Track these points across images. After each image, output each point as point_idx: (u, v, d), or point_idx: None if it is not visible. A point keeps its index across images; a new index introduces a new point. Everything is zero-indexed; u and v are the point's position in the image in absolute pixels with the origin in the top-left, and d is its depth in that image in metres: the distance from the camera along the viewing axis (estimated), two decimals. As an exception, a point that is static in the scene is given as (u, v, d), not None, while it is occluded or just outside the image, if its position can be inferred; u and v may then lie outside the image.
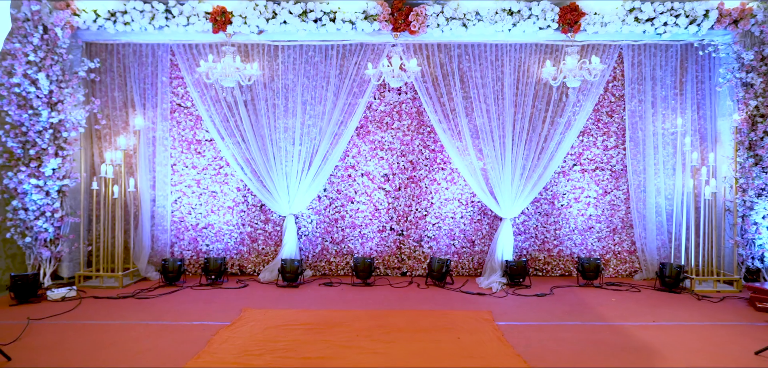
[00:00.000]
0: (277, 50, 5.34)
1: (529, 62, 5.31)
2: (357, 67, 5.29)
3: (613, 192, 5.49)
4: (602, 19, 4.90)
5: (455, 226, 5.52)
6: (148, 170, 5.40)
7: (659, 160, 5.35)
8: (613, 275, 5.46)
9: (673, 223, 5.25)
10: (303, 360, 3.07)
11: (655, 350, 3.29)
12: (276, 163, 5.32)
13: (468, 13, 4.88)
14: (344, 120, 5.34)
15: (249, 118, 5.32)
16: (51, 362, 3.06)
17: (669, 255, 5.30)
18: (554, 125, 5.31)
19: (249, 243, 5.53)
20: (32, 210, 4.77)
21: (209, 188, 5.52)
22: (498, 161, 5.28)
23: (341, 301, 4.49)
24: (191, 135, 5.49)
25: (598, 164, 5.49)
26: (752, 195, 4.77)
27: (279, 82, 5.34)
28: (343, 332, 3.60)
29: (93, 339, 3.47)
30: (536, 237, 5.52)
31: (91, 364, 3.03)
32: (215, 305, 4.36)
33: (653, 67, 5.34)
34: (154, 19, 4.91)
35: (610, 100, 5.45)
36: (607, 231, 5.50)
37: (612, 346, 3.35)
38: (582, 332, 3.66)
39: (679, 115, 5.31)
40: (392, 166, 5.52)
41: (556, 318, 4.02)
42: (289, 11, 4.88)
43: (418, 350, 3.25)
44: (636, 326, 3.79)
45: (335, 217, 5.54)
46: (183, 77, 5.38)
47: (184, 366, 2.96)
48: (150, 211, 5.38)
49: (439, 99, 5.33)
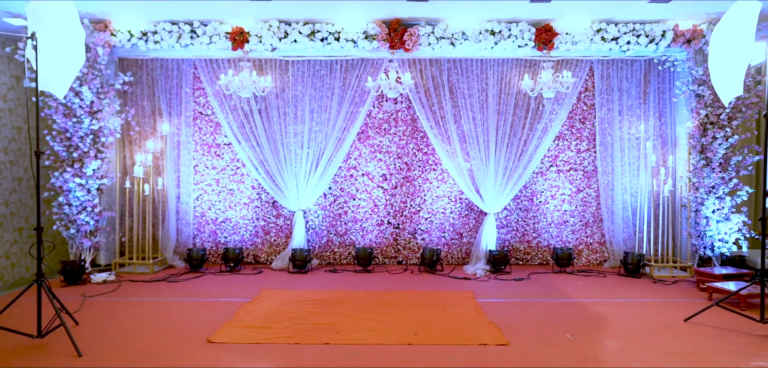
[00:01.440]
0: (288, 65, 6.04)
1: (510, 75, 6.01)
2: (358, 80, 5.99)
3: (585, 190, 6.19)
4: (573, 38, 5.59)
5: (445, 220, 6.22)
6: (174, 170, 6.11)
7: (625, 161, 6.05)
8: (585, 264, 6.16)
9: (637, 218, 5.94)
10: (315, 325, 3.77)
11: (604, 318, 3.99)
12: (286, 164, 6.03)
13: (455, 33, 5.58)
14: (347, 126, 6.04)
15: (263, 124, 6.03)
16: (109, 326, 3.75)
17: (634, 245, 5.99)
18: (532, 131, 6.01)
19: (262, 235, 6.24)
20: (75, 206, 5.48)
21: (227, 187, 6.22)
22: (483, 162, 5.98)
23: (345, 284, 5.19)
24: (211, 139, 6.20)
25: (572, 165, 6.19)
26: (703, 192, 5.46)
27: (289, 93, 6.05)
28: (347, 306, 4.30)
29: (138, 311, 4.16)
30: (517, 230, 6.22)
31: (142, 328, 3.73)
32: (236, 287, 5.06)
33: (620, 80, 6.05)
34: (181, 38, 5.61)
35: (583, 108, 6.15)
36: (580, 225, 6.20)
37: (570, 316, 4.05)
38: (548, 307, 4.36)
39: (643, 122, 6.01)
40: (389, 167, 6.22)
41: (528, 296, 4.72)
42: (299, 31, 5.57)
43: (409, 318, 3.95)
44: (594, 302, 4.48)
45: (339, 212, 6.24)
46: (204, 88, 6.08)
47: (219, 330, 3.66)
48: (175, 207, 6.09)
49: (431, 108, 6.03)
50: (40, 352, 3.20)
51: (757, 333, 3.58)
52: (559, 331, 3.67)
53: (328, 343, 3.39)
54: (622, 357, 3.16)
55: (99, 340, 3.43)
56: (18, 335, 3.33)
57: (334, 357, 3.15)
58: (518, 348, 3.31)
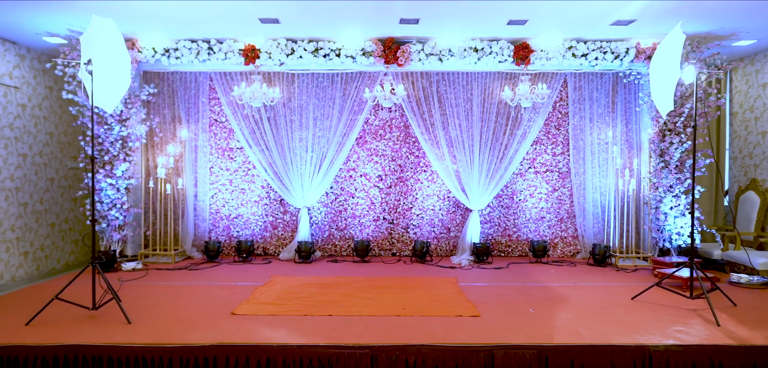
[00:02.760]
0: (294, 77, 6.76)
1: (493, 87, 6.73)
2: (357, 91, 6.70)
3: (560, 189, 6.91)
4: (547, 55, 6.30)
5: (435, 216, 6.94)
6: (192, 172, 6.82)
7: (596, 163, 6.77)
8: (560, 255, 6.88)
9: (606, 214, 6.66)
10: (320, 302, 4.48)
11: (565, 297, 4.70)
12: (292, 166, 6.74)
13: (443, 50, 6.29)
14: (346, 132, 6.75)
15: (271, 130, 6.74)
16: (146, 303, 4.46)
17: (603, 238, 6.71)
18: (512, 136, 6.72)
19: (271, 230, 6.95)
20: (106, 203, 6.18)
21: (239, 186, 6.94)
22: (468, 164, 6.69)
23: (344, 272, 5.90)
24: (225, 144, 6.91)
25: (548, 167, 6.91)
26: (662, 191, 6.17)
27: (295, 102, 6.76)
28: (347, 289, 5.01)
29: (167, 292, 4.87)
30: (499, 225, 6.94)
31: (175, 304, 4.43)
32: (249, 274, 5.77)
33: (591, 91, 6.76)
34: (199, 54, 6.32)
35: (558, 116, 6.87)
36: (555, 221, 6.92)
37: (537, 297, 4.76)
38: (520, 290, 5.07)
39: (611, 128, 6.72)
40: (385, 169, 6.93)
41: (504, 282, 5.44)
42: (304, 48, 6.28)
43: (399, 298, 4.66)
44: (560, 286, 5.20)
45: (339, 209, 6.96)
46: (219, 98, 6.80)
47: (239, 305, 4.37)
48: (193, 204, 6.80)
49: (422, 116, 6.75)
50: (97, 321, 3.91)
51: (685, 307, 4.29)
52: (525, 307, 4.38)
53: (331, 315, 4.11)
54: (572, 326, 3.87)
55: (140, 313, 4.13)
56: (78, 307, 4.04)
57: (336, 325, 3.86)
58: (487, 319, 4.02)
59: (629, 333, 3.68)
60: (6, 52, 6.27)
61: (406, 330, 3.72)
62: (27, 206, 6.58)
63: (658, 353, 3.43)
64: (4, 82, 6.22)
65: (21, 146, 6.47)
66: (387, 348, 3.43)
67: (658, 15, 5.38)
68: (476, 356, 3.41)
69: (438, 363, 3.42)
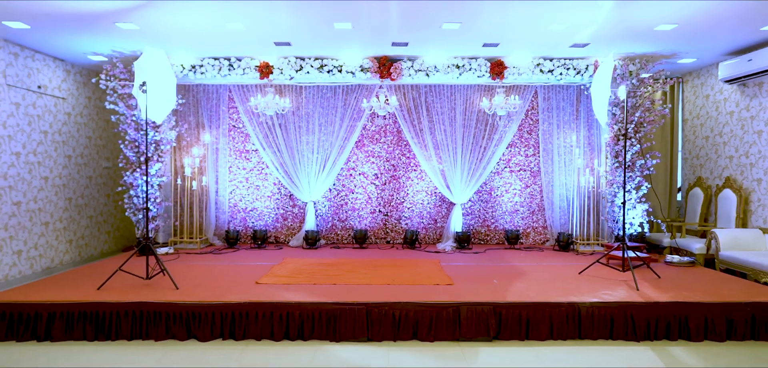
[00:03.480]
0: (302, 89, 7.82)
1: (473, 97, 7.79)
2: (356, 101, 7.77)
3: (532, 186, 7.98)
4: (518, 70, 7.36)
5: (423, 209, 8.00)
6: (213, 171, 7.88)
7: (562, 164, 7.83)
8: (531, 243, 7.95)
9: (570, 207, 7.72)
10: (325, 275, 5.55)
11: (526, 272, 5.76)
12: (300, 166, 7.80)
13: (429, 66, 7.35)
14: (347, 137, 7.81)
15: (282, 135, 7.80)
16: (185, 276, 5.51)
17: (568, 228, 7.77)
18: (490, 140, 7.79)
19: (282, 221, 8.02)
20: (141, 198, 7.25)
21: (254, 183, 8.00)
22: (452, 164, 7.76)
23: (346, 255, 6.96)
24: (242, 147, 7.98)
25: (521, 167, 7.98)
26: (616, 188, 7.24)
27: (303, 111, 7.83)
28: (348, 267, 6.07)
29: (200, 269, 5.94)
30: (478, 217, 8.00)
31: (208, 277, 5.49)
32: (264, 257, 6.84)
33: (558, 101, 7.83)
34: (221, 70, 7.38)
35: (530, 122, 7.94)
36: (528, 213, 7.99)
37: (503, 273, 5.82)
38: (491, 268, 6.12)
39: (575, 133, 7.79)
40: (380, 168, 8.00)
41: (478, 263, 6.50)
42: (311, 65, 7.34)
43: (390, 273, 5.72)
44: (524, 265, 6.26)
45: (341, 203, 8.02)
46: (237, 107, 7.86)
47: (261, 278, 5.43)
48: (214, 199, 7.87)
49: (412, 122, 7.81)
50: (151, 287, 4.98)
51: (617, 279, 5.36)
52: (491, 279, 5.45)
53: (335, 283, 5.18)
54: (524, 291, 4.93)
55: (183, 282, 5.19)
56: (135, 277, 5.11)
57: (339, 290, 4.92)
58: (459, 287, 5.09)
59: (567, 295, 4.75)
60: (56, 68, 7.36)
61: (394, 294, 4.78)
62: (71, 201, 7.67)
63: (584, 308, 4.50)
64: (55, 94, 7.30)
65: (67, 149, 7.56)
66: (378, 304, 4.50)
67: (608, 40, 6.44)
68: (446, 310, 4.48)
69: (418, 317, 4.49)
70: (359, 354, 4.18)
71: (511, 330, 4.48)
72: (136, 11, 5.35)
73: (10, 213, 6.45)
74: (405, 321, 4.47)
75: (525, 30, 6.06)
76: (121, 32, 6.12)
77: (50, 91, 7.22)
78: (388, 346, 4.35)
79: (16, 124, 6.59)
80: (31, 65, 6.85)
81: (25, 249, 6.72)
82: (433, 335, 4.45)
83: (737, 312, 4.48)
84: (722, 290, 4.92)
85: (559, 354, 4.18)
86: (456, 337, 4.46)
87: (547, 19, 5.62)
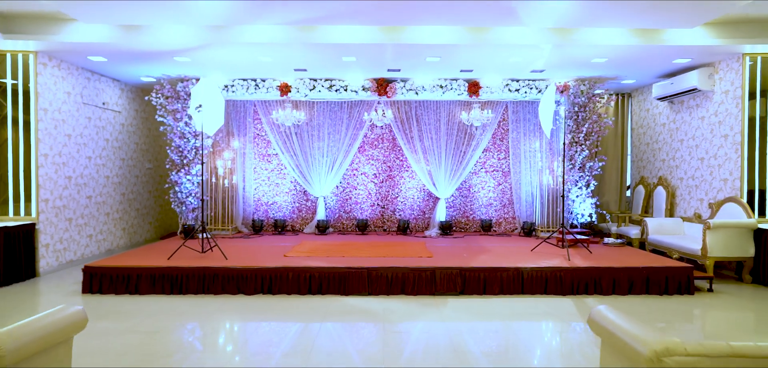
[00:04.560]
0: (314, 104, 9.51)
1: (454, 111, 9.47)
2: (358, 114, 9.44)
3: (503, 184, 9.66)
4: (491, 89, 9.04)
5: (414, 203, 9.69)
6: (241, 171, 9.57)
7: (528, 165, 9.51)
8: (503, 231, 9.62)
9: (535, 201, 9.39)
10: (336, 252, 7.22)
11: (491, 250, 7.43)
12: (312, 167, 9.48)
13: (418, 86, 9.02)
14: (351, 143, 9.49)
15: (298, 142, 9.48)
16: (228, 251, 7.18)
17: (533, 218, 9.45)
18: (469, 146, 9.46)
19: (297, 212, 9.70)
20: (184, 193, 8.93)
21: (274, 181, 9.68)
22: (437, 166, 9.43)
23: (350, 240, 8.63)
24: (264, 151, 9.66)
25: (495, 168, 9.66)
26: (570, 185, 8.91)
27: (315, 122, 9.51)
28: (352, 247, 7.74)
29: (237, 248, 7.60)
30: (459, 209, 9.68)
31: (246, 251, 7.16)
32: (285, 240, 8.50)
33: (524, 114, 9.51)
34: (248, 89, 9.06)
35: (502, 131, 9.62)
36: (500, 206, 9.67)
37: (474, 250, 7.49)
38: (464, 247, 7.79)
39: (538, 140, 9.47)
40: (378, 169, 9.67)
41: (456, 244, 8.17)
42: (322, 85, 9.01)
43: (386, 251, 7.39)
44: (492, 245, 7.93)
45: (346, 197, 9.70)
46: (261, 119, 9.55)
47: (287, 253, 7.10)
48: (242, 194, 9.55)
49: (405, 132, 9.49)
50: (207, 258, 6.65)
51: (557, 254, 7.04)
52: (462, 253, 7.12)
53: (343, 256, 6.85)
54: (486, 261, 6.59)
55: (229, 255, 6.86)
56: (193, 251, 6.79)
57: (347, 261, 6.58)
58: (436, 259, 6.75)
59: (515, 263, 6.42)
60: (114, 87, 9.05)
61: (388, 262, 6.45)
62: (124, 195, 9.36)
63: (526, 271, 6.18)
64: (114, 108, 9.00)
65: (121, 153, 9.25)
66: (376, 269, 6.17)
67: (558, 66, 8.12)
68: (425, 273, 6.15)
69: (405, 277, 6.16)
70: (362, 302, 5.86)
71: (472, 287, 6.16)
72: (193, 50, 7.04)
73: (84, 205, 8.14)
74: (395, 280, 6.15)
75: (491, 62, 7.74)
76: (175, 62, 7.80)
77: (111, 106, 8.91)
78: (383, 298, 6.03)
79: (88, 134, 8.29)
80: (98, 86, 8.55)
81: (94, 233, 8.42)
82: (415, 290, 6.13)
83: (636, 274, 6.16)
84: (630, 260, 6.60)
85: (507, 303, 5.86)
86: (432, 292, 6.14)
87: (506, 55, 7.30)
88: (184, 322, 5.14)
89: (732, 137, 7.25)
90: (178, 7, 5.74)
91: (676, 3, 5.49)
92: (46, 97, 7.20)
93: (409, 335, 4.75)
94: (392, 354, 4.23)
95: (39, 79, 7.06)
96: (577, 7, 5.68)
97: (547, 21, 6.22)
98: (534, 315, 5.41)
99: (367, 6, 5.72)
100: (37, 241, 7.02)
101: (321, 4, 5.69)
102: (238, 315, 5.41)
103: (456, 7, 5.72)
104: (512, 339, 4.68)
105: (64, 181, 7.61)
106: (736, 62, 7.17)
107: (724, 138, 7.42)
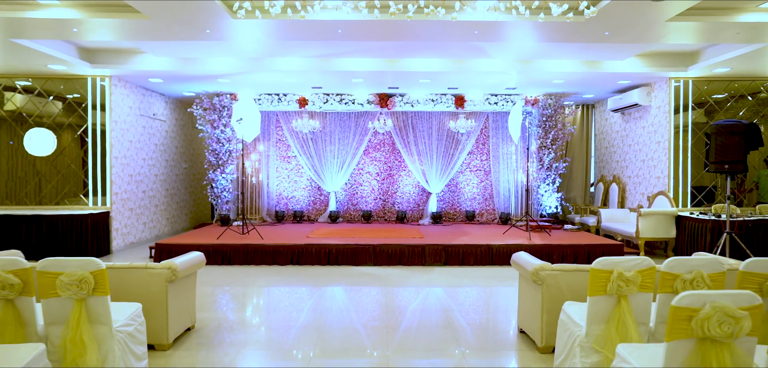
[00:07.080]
0: (327, 115, 11.33)
1: (445, 120, 11.30)
2: (363, 122, 11.27)
3: (485, 181, 11.50)
4: (474, 102, 10.87)
5: (410, 197, 11.53)
6: (265, 170, 11.40)
7: (505, 166, 11.34)
8: (484, 220, 11.46)
9: (511, 196, 11.22)
10: (347, 235, 9.06)
11: (472, 232, 9.27)
12: (325, 167, 11.30)
13: (414, 100, 10.85)
14: (357, 147, 11.31)
15: (313, 146, 11.31)
16: (263, 234, 9.01)
17: (509, 210, 11.27)
18: (456, 149, 11.29)
19: (312, 205, 11.54)
20: (219, 188, 10.75)
21: (293, 179, 11.52)
22: (430, 166, 11.26)
23: (357, 227, 10.46)
24: (285, 154, 11.50)
25: (478, 168, 11.50)
26: (539, 182, 10.74)
27: (327, 129, 11.33)
28: (359, 232, 9.57)
29: (266, 231, 9.43)
30: (448, 202, 11.53)
31: (275, 233, 8.99)
32: (304, 227, 10.33)
33: (503, 123, 11.33)
34: (272, 102, 10.89)
35: (483, 137, 11.45)
36: (482, 200, 11.51)
37: (459, 232, 9.31)
38: (450, 233, 9.62)
39: (514, 145, 11.29)
40: (380, 169, 11.51)
41: (444, 229, 10.00)
42: (334, 99, 10.84)
43: (387, 234, 9.22)
44: (472, 230, 9.76)
45: (353, 192, 11.54)
46: (282, 127, 11.38)
47: (309, 234, 8.94)
48: (266, 190, 11.39)
49: (403, 137, 11.32)
50: (247, 238, 8.49)
51: (522, 236, 8.87)
52: (448, 237, 8.96)
53: (353, 237, 8.69)
54: (466, 241, 8.43)
55: (264, 236, 8.69)
56: (235, 233, 8.64)
57: (356, 240, 8.41)
58: (427, 239, 8.58)
59: (487, 241, 8.26)
60: (161, 100, 10.89)
61: (388, 241, 8.28)
62: (167, 190, 11.21)
63: (496, 247, 8.01)
64: (160, 118, 10.84)
65: (165, 155, 11.10)
66: (379, 245, 8.01)
67: (527, 85, 9.95)
68: (416, 248, 7.99)
69: (402, 252, 7.99)
70: (369, 269, 7.70)
71: (453, 260, 8.00)
72: (234, 74, 8.88)
73: (140, 198, 9.98)
74: (394, 254, 7.99)
75: (472, 82, 9.59)
76: (217, 82, 9.64)
77: (158, 116, 10.76)
78: (385, 267, 7.86)
79: (143, 139, 10.13)
80: (149, 100, 10.39)
81: (147, 221, 10.26)
82: (410, 262, 7.97)
83: (580, 249, 8.00)
84: (579, 240, 8.43)
85: (480, 270, 7.69)
86: (423, 263, 7.98)
87: (484, 77, 9.14)
88: (236, 282, 6.99)
89: (663, 143, 9.09)
90: (226, 46, 7.56)
91: (605, 45, 7.32)
92: (116, 111, 9.04)
93: (404, 291, 6.59)
94: (392, 302, 6.07)
95: (112, 98, 8.90)
96: (533, 47, 7.50)
97: (511, 56, 8.05)
98: (498, 278, 7.26)
99: (372, 46, 7.54)
100: (111, 225, 8.87)
101: (336, 44, 7.52)
102: (276, 278, 7.25)
103: (440, 47, 7.55)
104: (481, 293, 6.53)
105: (127, 178, 9.45)
106: (665, 84, 9.01)
107: (657, 144, 9.26)
